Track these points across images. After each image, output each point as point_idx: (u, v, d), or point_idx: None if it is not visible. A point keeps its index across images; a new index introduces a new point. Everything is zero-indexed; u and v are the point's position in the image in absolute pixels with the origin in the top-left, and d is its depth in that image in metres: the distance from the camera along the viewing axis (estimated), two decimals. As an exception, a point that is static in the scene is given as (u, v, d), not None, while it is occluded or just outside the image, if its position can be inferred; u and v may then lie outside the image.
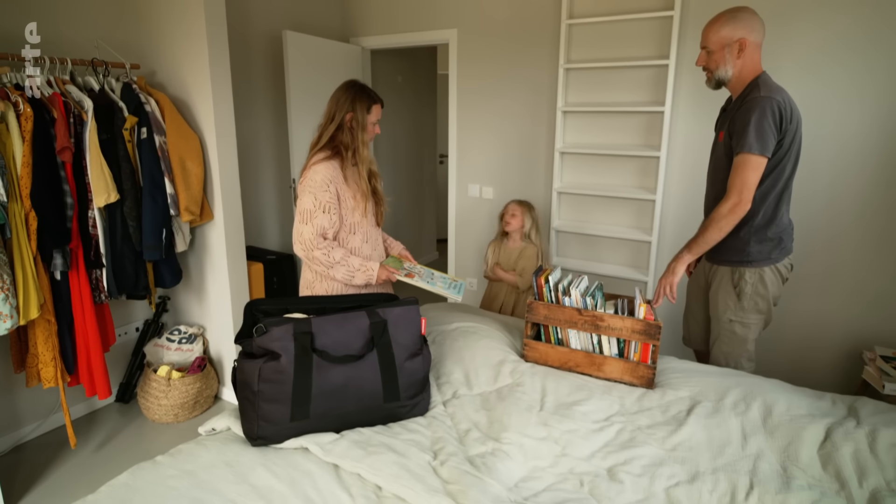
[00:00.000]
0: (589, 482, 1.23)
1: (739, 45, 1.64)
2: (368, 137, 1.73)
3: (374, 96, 1.73)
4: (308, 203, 1.63)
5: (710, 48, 1.69)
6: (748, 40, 1.63)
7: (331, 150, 1.69)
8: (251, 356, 1.35)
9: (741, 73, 1.67)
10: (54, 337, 2.00)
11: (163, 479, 1.19)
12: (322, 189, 1.64)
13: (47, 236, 1.87)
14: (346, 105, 1.68)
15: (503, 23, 3.02)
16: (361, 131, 1.70)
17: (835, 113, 2.26)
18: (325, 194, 1.64)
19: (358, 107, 1.68)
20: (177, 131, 2.21)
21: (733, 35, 1.64)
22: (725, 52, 1.66)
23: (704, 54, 1.72)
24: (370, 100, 1.71)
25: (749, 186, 1.62)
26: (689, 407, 1.51)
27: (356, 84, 1.73)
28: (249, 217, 3.03)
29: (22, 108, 1.79)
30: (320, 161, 1.66)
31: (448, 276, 1.95)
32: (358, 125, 1.69)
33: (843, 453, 1.27)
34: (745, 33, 1.63)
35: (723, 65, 1.68)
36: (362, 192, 1.72)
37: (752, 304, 1.77)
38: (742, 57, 1.65)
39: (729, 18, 1.65)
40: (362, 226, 1.76)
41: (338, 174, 1.67)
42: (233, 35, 2.82)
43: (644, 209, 2.81)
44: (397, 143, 4.37)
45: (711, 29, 1.68)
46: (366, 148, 1.73)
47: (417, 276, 1.79)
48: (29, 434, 2.29)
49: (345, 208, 1.70)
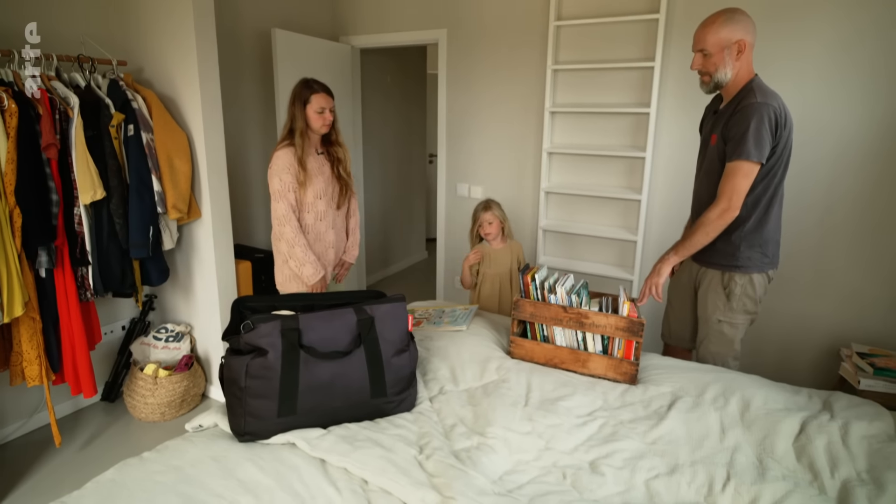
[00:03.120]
0: (572, 475, 1.26)
1: (738, 46, 1.61)
2: (315, 124, 2.02)
3: (316, 87, 2.01)
4: (276, 184, 1.99)
5: (708, 50, 1.64)
6: (747, 41, 1.61)
7: (289, 139, 2.03)
8: (238, 353, 1.36)
9: (737, 75, 1.66)
10: (39, 335, 1.98)
11: (149, 475, 1.19)
12: (284, 171, 1.99)
13: (32, 233, 1.86)
14: (292, 99, 2.02)
15: (492, 24, 3.04)
16: (303, 120, 2.01)
17: (820, 115, 2.32)
18: (287, 175, 1.99)
19: (298, 100, 2.00)
20: (164, 128, 2.21)
21: (732, 36, 1.60)
22: (725, 53, 1.62)
23: (700, 57, 1.67)
24: (310, 90, 1.99)
25: (739, 193, 1.63)
26: (670, 402, 1.55)
27: (301, 80, 2.04)
28: (237, 215, 3.02)
29: (6, 104, 1.77)
30: (280, 148, 2.02)
31: (459, 307, 2.17)
32: (301, 115, 2.00)
33: (816, 445, 1.31)
34: (743, 34, 1.61)
35: (722, 67, 1.64)
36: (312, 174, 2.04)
37: (740, 305, 1.80)
38: (741, 59, 1.63)
39: (727, 19, 1.61)
40: (316, 206, 2.07)
41: (293, 159, 2.00)
42: (222, 32, 2.82)
43: (630, 209, 2.85)
44: (387, 143, 4.37)
45: (709, 30, 1.63)
46: (314, 133, 2.06)
47: (425, 322, 2.03)
48: (12, 433, 2.27)
49: (301, 188, 2.02)
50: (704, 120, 1.91)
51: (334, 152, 2.14)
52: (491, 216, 2.35)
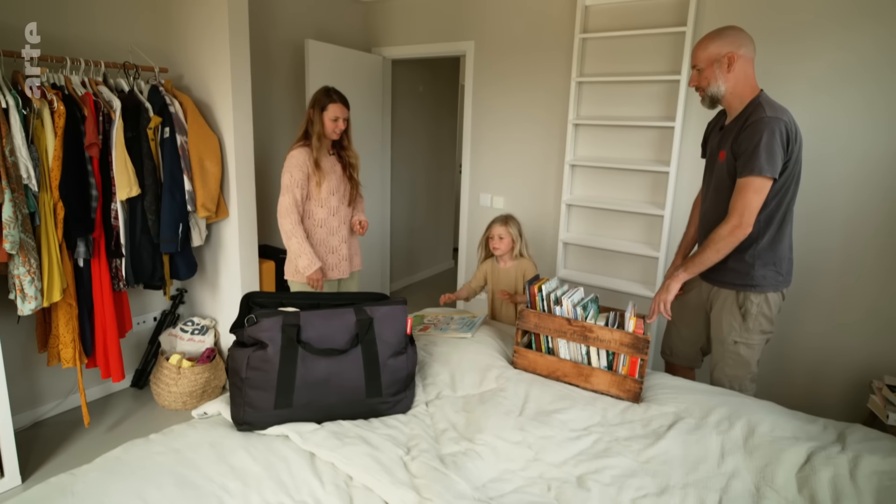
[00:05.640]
0: (556, 487, 1.25)
1: (728, 59, 1.64)
2: (327, 130, 2.16)
3: (334, 97, 2.15)
4: (286, 179, 2.13)
5: (700, 66, 1.70)
6: (736, 54, 1.64)
7: (304, 140, 2.18)
8: (242, 345, 1.43)
9: (735, 88, 1.67)
10: (74, 320, 2.13)
11: (151, 455, 1.26)
12: (296, 168, 2.12)
13: (73, 225, 2.01)
14: (312, 103, 2.18)
15: (519, 36, 3.07)
16: (320, 125, 2.15)
17: (846, 132, 2.22)
18: (298, 173, 2.12)
19: (317, 105, 2.15)
20: (198, 132, 2.34)
21: (721, 51, 1.65)
22: (715, 67, 1.66)
23: (696, 73, 1.73)
24: (328, 99, 2.14)
25: (751, 209, 1.61)
26: (671, 422, 1.50)
27: (322, 88, 2.19)
28: (264, 216, 3.14)
29: (56, 106, 1.94)
30: (295, 147, 2.17)
31: (467, 314, 2.19)
32: (318, 120, 2.15)
33: (820, 477, 1.25)
34: (732, 48, 1.64)
35: (714, 81, 1.68)
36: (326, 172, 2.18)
37: (756, 324, 1.75)
38: (732, 71, 1.65)
39: (715, 36, 1.67)
40: (329, 201, 2.21)
41: (309, 157, 2.14)
42: (258, 42, 2.97)
43: (653, 224, 2.79)
44: (417, 151, 4.45)
45: (699, 48, 1.70)
46: (326, 139, 2.20)
47: (432, 328, 2.07)
48: (49, 412, 2.43)
49: (312, 184, 2.16)
50: (709, 136, 1.88)
51: (346, 156, 2.27)
52: (504, 230, 2.24)
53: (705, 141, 1.92)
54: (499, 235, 2.24)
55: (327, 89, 2.17)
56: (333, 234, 2.25)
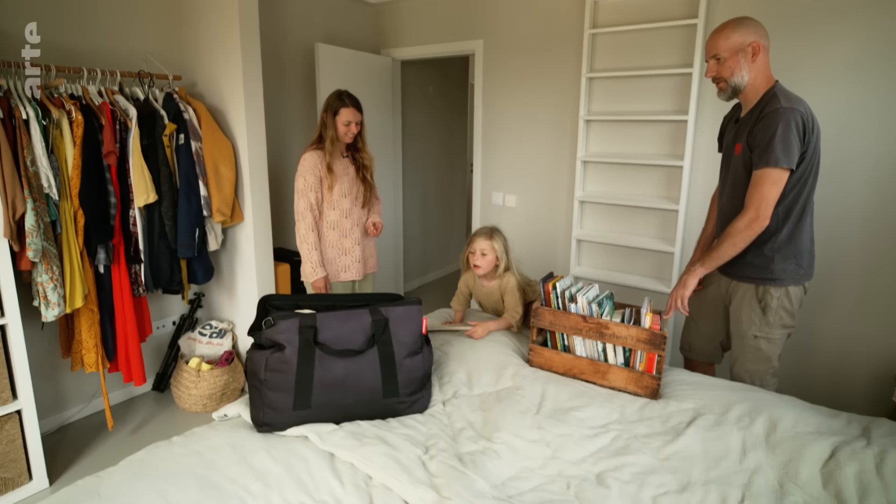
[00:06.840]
0: (576, 485, 1.24)
1: (753, 48, 1.60)
2: (340, 133, 2.18)
3: (347, 101, 2.16)
4: (300, 183, 2.16)
5: (722, 55, 1.64)
6: (761, 44, 1.60)
7: (318, 143, 2.20)
8: (260, 347, 1.45)
9: (755, 80, 1.64)
10: (96, 325, 2.17)
11: (173, 457, 1.28)
12: (309, 172, 2.15)
13: (93, 232, 2.05)
14: (325, 107, 2.20)
15: (528, 33, 3.06)
16: (333, 129, 2.18)
17: (875, 126, 2.17)
18: (311, 176, 2.15)
19: (330, 109, 2.17)
20: (212, 137, 2.38)
21: (745, 39, 1.60)
22: (739, 56, 1.61)
23: (714, 63, 1.67)
24: (341, 103, 2.16)
25: (768, 202, 1.58)
26: (690, 419, 1.49)
27: (336, 92, 2.20)
28: (279, 220, 3.17)
29: (74, 116, 1.98)
30: (308, 150, 2.19)
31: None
32: (331, 124, 2.17)
33: (846, 472, 1.22)
34: (756, 37, 1.60)
35: (738, 70, 1.63)
36: (338, 175, 2.20)
37: (777, 318, 1.72)
38: (756, 61, 1.61)
39: (737, 25, 1.62)
40: (341, 203, 2.23)
41: (321, 160, 2.17)
42: (268, 46, 2.99)
43: (668, 219, 2.76)
44: (428, 152, 4.46)
45: (720, 36, 1.64)
46: (340, 142, 2.22)
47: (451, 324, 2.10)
48: (74, 416, 2.49)
49: (324, 187, 2.18)
50: (725, 130, 1.85)
51: (360, 158, 2.28)
52: (487, 245, 1.96)
53: (721, 135, 1.89)
54: (481, 251, 1.97)
55: (340, 93, 2.18)
56: (346, 235, 2.27)
